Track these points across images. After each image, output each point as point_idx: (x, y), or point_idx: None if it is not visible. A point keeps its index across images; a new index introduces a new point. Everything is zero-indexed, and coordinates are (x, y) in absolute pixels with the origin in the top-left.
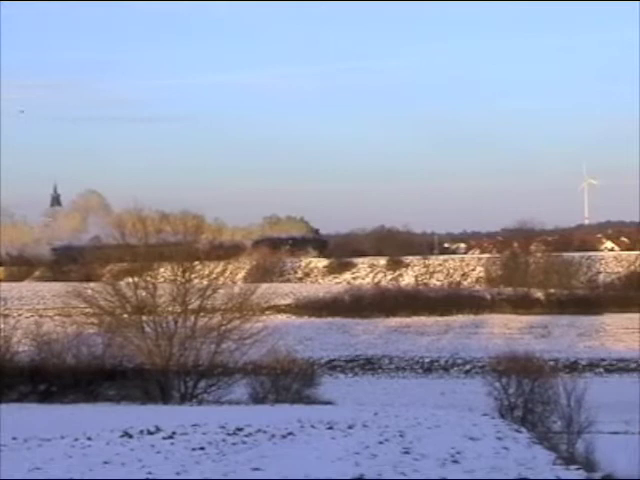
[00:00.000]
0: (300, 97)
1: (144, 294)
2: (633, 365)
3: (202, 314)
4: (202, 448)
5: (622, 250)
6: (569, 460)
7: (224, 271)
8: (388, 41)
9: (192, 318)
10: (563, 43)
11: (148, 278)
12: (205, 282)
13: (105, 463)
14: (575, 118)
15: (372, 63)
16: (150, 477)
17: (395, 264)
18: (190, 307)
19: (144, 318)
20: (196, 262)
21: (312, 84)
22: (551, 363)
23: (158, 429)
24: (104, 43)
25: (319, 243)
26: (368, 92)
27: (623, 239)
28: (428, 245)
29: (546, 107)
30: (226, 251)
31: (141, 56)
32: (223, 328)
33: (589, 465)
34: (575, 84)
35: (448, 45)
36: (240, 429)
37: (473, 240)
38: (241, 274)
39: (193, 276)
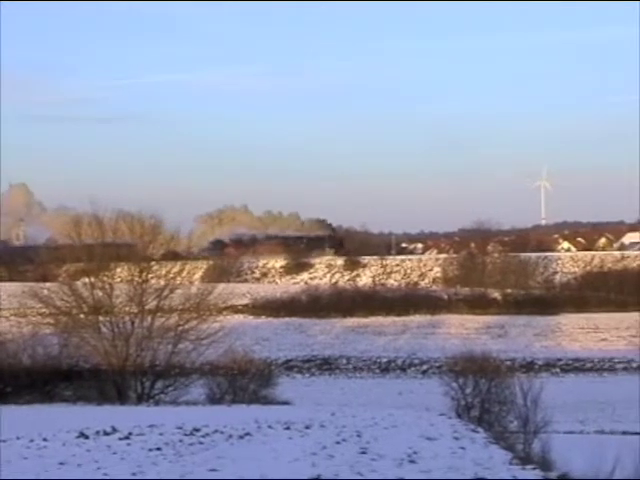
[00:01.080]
0: (252, 96)
1: (101, 294)
2: (589, 365)
3: (159, 314)
4: (159, 449)
5: (578, 250)
6: (525, 460)
7: (181, 271)
8: (335, 42)
9: (149, 318)
10: (518, 44)
11: (105, 278)
12: (162, 282)
13: (61, 464)
14: (532, 120)
15: (320, 62)
16: (106, 478)
17: (352, 264)
18: (147, 307)
19: (101, 318)
20: (153, 262)
21: (263, 83)
22: (508, 363)
23: (114, 430)
24: (58, 43)
25: (335, 241)
26: (318, 92)
27: (579, 239)
28: (385, 245)
29: (501, 109)
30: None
31: (94, 56)
32: (180, 328)
33: (545, 464)
34: (532, 86)
35: (398, 46)
36: (197, 430)
37: (430, 240)
38: (198, 274)
39: (150, 276)
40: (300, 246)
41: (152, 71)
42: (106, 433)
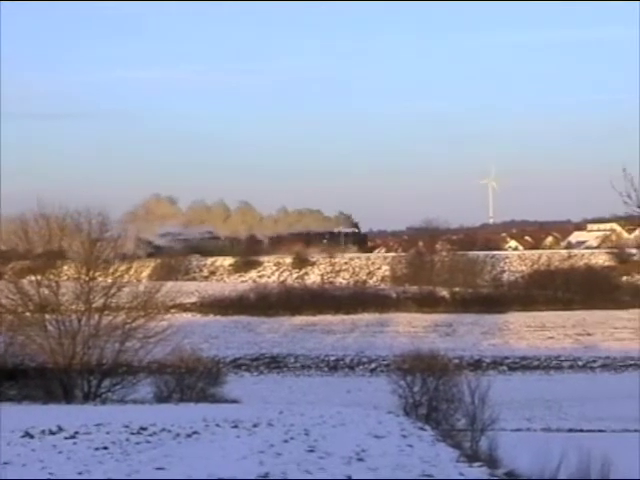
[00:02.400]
0: (216, 94)
1: (47, 292)
2: (536, 363)
3: (106, 312)
4: (105, 448)
5: (526, 249)
6: (472, 457)
7: (129, 269)
8: (290, 40)
9: (96, 317)
10: (468, 44)
11: (51, 276)
12: (109, 280)
13: (5, 464)
14: (481, 120)
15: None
16: (52, 478)
17: (301, 262)
18: (94, 305)
19: (47, 317)
20: (100, 260)
21: (228, 81)
22: (455, 361)
23: (60, 429)
24: (29, 39)
25: (359, 238)
26: (269, 91)
27: (527, 238)
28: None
29: (449, 108)
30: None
31: (64, 52)
32: (128, 327)
33: (492, 462)
34: (480, 86)
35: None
36: (144, 428)
37: (379, 239)
38: (146, 272)
39: (97, 274)
40: (322, 242)
41: (108, 68)
42: (52, 432)
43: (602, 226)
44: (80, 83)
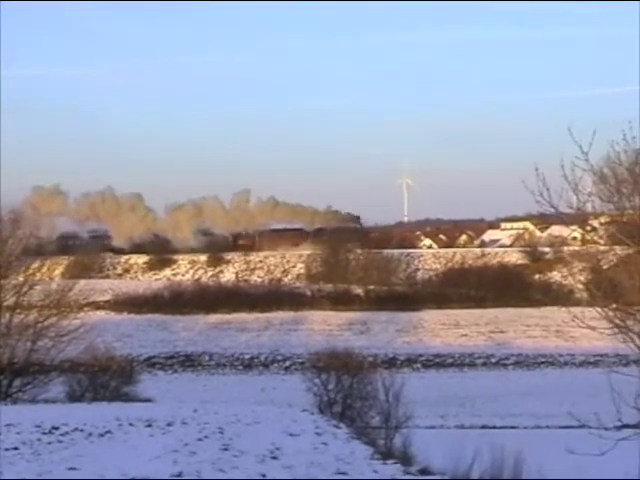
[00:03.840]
0: (138, 91)
1: None
2: (449, 360)
3: (18, 311)
4: (16, 448)
5: (440, 247)
6: (387, 454)
7: (41, 267)
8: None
9: (7, 315)
10: (380, 42)
11: None
12: (21, 278)
13: None
14: (396, 118)
15: (207, 58)
16: None
17: (216, 260)
18: (5, 304)
19: None
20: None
21: (149, 78)
22: (370, 359)
23: None
24: None
25: (362, 233)
26: (200, 86)
27: (441, 237)
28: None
29: (366, 106)
30: None
31: None
32: (40, 325)
33: (406, 459)
34: (396, 85)
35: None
36: (56, 428)
37: None
38: (59, 270)
39: (8, 272)
40: (322, 238)
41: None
42: None
43: (515, 225)
44: None
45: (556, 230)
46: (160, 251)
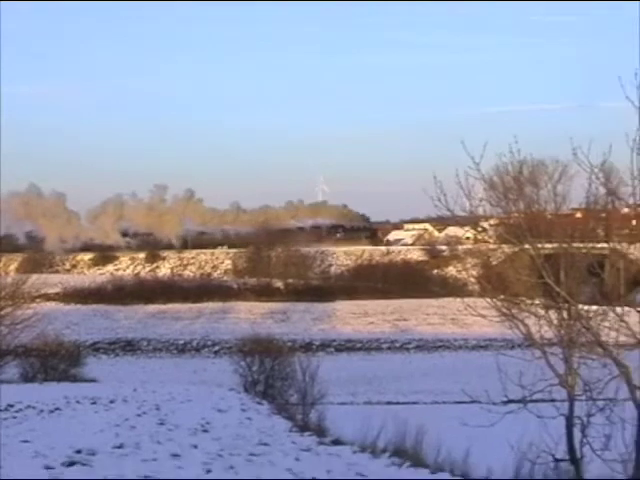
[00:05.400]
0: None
1: None
2: (359, 345)
3: None
4: None
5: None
6: (303, 428)
7: None
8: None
9: None
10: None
11: None
12: None
13: None
14: (310, 129)
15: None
16: None
17: (153, 257)
18: None
19: None
20: None
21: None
22: (289, 344)
23: None
24: None
25: (370, 231)
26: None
27: None
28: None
29: (278, 119)
30: None
31: None
32: None
33: (320, 431)
34: (315, 104)
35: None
36: (11, 405)
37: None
38: (13, 266)
39: None
40: (337, 235)
41: None
42: None
43: (417, 226)
44: None
45: (452, 231)
46: (103, 250)
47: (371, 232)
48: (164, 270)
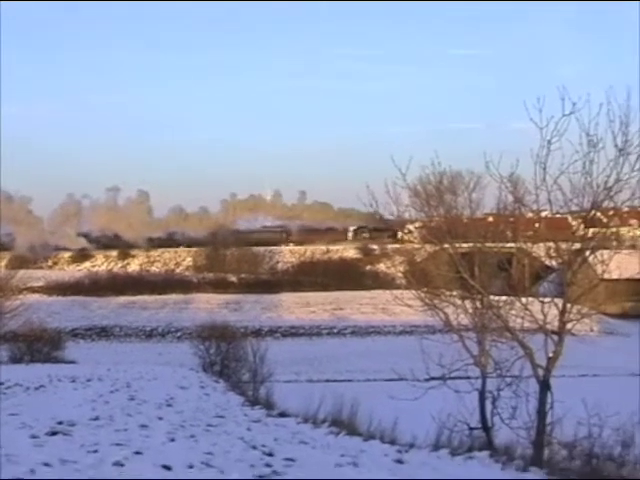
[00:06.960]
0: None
1: None
2: (302, 331)
3: None
4: None
5: (295, 246)
6: (254, 402)
7: None
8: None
9: None
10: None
11: None
12: None
13: None
14: (260, 143)
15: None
16: None
17: (124, 255)
18: None
19: None
20: None
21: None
22: (242, 330)
23: None
24: None
25: (391, 232)
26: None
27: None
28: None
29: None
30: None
31: None
32: None
33: (269, 405)
34: (263, 121)
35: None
36: (1, 383)
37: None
38: (3, 262)
39: None
40: (363, 235)
41: None
42: None
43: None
44: None
45: None
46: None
47: (393, 232)
48: (134, 266)
